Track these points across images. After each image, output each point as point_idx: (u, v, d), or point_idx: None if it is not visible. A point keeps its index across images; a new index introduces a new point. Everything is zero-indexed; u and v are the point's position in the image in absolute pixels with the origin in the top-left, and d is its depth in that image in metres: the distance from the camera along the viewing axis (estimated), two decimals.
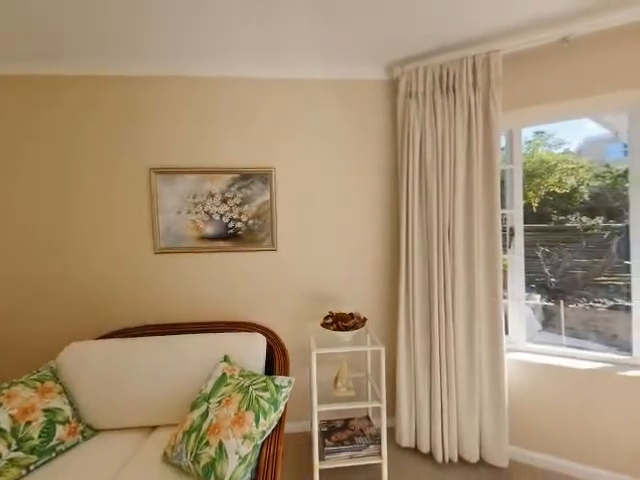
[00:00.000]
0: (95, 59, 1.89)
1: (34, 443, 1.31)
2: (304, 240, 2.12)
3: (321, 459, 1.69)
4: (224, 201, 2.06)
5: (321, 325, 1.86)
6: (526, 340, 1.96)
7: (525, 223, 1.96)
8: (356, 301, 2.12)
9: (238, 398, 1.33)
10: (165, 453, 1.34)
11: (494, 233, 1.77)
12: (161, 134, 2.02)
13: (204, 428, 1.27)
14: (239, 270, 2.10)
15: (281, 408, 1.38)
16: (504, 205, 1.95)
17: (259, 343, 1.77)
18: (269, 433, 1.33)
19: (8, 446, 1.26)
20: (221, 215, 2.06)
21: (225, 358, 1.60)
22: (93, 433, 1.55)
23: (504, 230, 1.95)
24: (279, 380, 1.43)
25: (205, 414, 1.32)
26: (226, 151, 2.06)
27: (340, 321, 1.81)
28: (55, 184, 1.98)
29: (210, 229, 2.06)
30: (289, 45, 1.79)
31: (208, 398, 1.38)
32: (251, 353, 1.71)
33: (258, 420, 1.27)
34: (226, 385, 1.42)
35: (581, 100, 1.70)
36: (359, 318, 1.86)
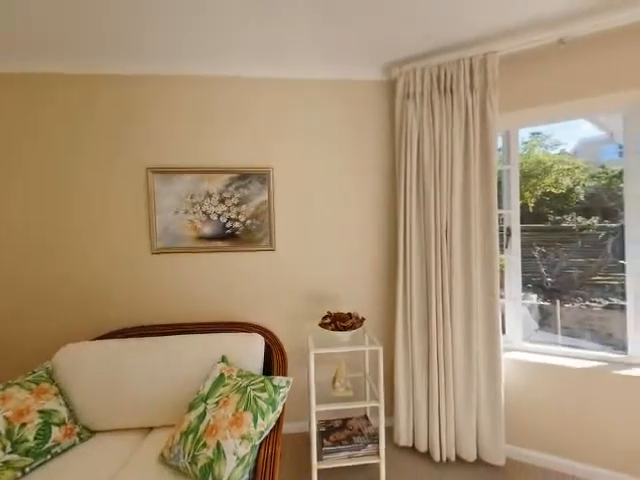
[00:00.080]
0: (94, 58, 1.87)
1: (29, 445, 1.30)
2: (302, 240, 2.12)
3: (319, 459, 1.69)
4: (222, 201, 2.05)
5: (319, 325, 1.86)
6: (523, 339, 1.97)
7: (522, 223, 1.97)
8: (354, 301, 2.13)
9: (236, 399, 1.32)
10: (162, 454, 1.33)
11: (491, 233, 1.78)
12: (158, 133, 2.00)
13: (201, 429, 1.26)
14: (237, 270, 2.09)
15: (279, 408, 1.38)
16: (501, 205, 1.96)
17: (257, 343, 1.76)
18: (267, 434, 1.33)
19: (3, 448, 1.25)
20: (219, 215, 2.05)
21: (223, 358, 1.60)
22: (90, 435, 1.53)
23: (501, 230, 1.96)
24: (277, 380, 1.43)
25: (203, 415, 1.31)
26: (223, 151, 2.05)
27: (338, 321, 1.81)
28: (51, 183, 1.96)
29: (208, 229, 2.05)
30: (289, 45, 1.79)
31: (206, 399, 1.37)
32: (249, 353, 1.70)
33: (256, 420, 1.27)
34: (224, 386, 1.41)
35: (578, 101, 1.72)
36: (357, 318, 1.87)
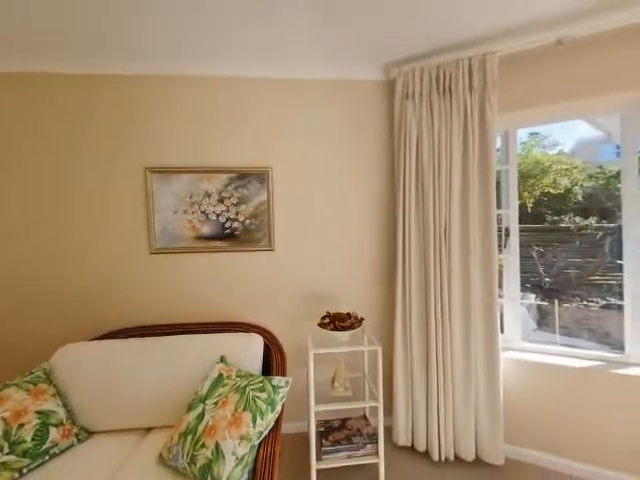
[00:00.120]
0: (94, 58, 1.86)
1: (27, 446, 1.29)
2: (301, 240, 2.12)
3: (318, 459, 1.69)
4: (221, 201, 2.04)
5: (318, 325, 1.86)
6: (521, 339, 1.98)
7: (520, 223, 1.98)
8: (353, 301, 2.13)
9: (235, 399, 1.32)
10: (161, 455, 1.33)
11: (490, 233, 1.79)
12: (158, 133, 2.00)
13: (200, 429, 1.26)
14: (236, 270, 2.09)
15: (278, 408, 1.38)
16: (499, 205, 1.97)
17: (256, 343, 1.76)
18: (266, 434, 1.33)
19: (0, 449, 1.24)
20: (218, 215, 2.05)
21: (222, 359, 1.59)
22: (88, 435, 1.52)
23: (499, 230, 1.96)
24: (276, 380, 1.43)
25: (201, 415, 1.31)
26: (223, 150, 2.04)
27: (337, 321, 1.81)
28: (51, 183, 1.96)
29: (207, 229, 2.05)
30: (289, 45, 1.78)
31: (204, 399, 1.37)
32: (248, 353, 1.70)
33: (255, 421, 1.27)
34: (223, 386, 1.41)
35: (576, 102, 1.72)
36: (356, 318, 1.87)
